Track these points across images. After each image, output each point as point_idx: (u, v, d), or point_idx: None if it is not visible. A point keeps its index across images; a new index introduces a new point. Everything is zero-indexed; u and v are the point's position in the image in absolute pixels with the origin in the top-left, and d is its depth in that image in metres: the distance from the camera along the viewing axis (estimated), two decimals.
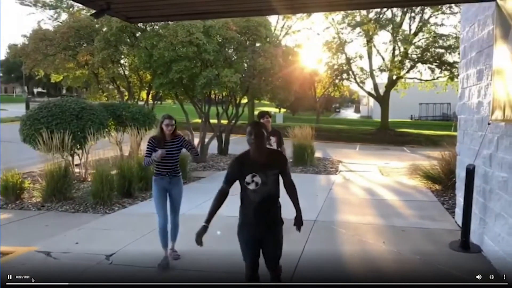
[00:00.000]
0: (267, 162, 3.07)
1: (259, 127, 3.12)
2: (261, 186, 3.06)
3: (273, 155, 3.29)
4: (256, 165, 3.06)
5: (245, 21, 11.85)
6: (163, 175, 4.49)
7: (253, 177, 3.05)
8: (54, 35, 12.76)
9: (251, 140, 3.04)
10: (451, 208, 6.70)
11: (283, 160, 3.27)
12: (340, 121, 40.55)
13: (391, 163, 13.37)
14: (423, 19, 25.55)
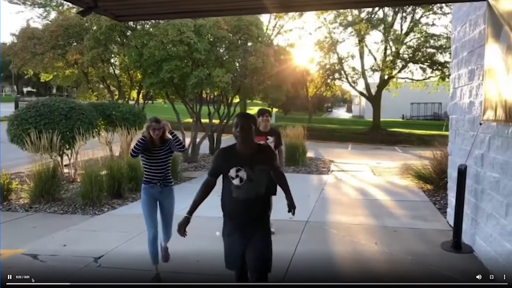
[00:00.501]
0: (255, 157, 2.86)
1: (247, 120, 2.89)
2: (247, 183, 2.82)
3: (262, 150, 3.02)
4: (242, 158, 2.84)
5: (237, 20, 11.77)
6: (154, 184, 4.10)
7: (238, 171, 2.83)
8: (42, 34, 12.58)
9: (236, 133, 2.83)
10: (443, 208, 6.71)
11: (272, 156, 3.12)
12: (332, 120, 40.62)
13: (383, 162, 13.39)
14: (415, 19, 25.68)
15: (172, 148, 4.16)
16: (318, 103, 51.76)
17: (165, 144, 4.16)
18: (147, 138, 4.09)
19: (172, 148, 4.16)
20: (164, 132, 4.16)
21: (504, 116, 3.57)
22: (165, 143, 4.16)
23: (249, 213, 2.88)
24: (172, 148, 4.16)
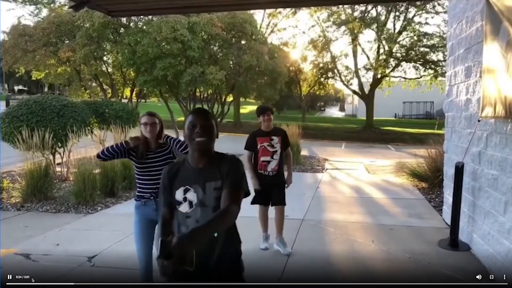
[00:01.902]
0: (209, 170, 1.98)
1: (205, 116, 2.01)
2: (199, 209, 1.97)
3: (222, 160, 2.02)
4: (193, 174, 2.00)
5: (231, 18, 11.73)
6: (147, 199, 3.22)
7: (186, 192, 1.99)
8: (34, 31, 12.45)
9: (191, 135, 1.95)
10: (438, 206, 6.70)
11: (237, 169, 2.00)
12: (325, 119, 40.70)
13: (377, 161, 13.39)
14: (407, 18, 25.78)
15: (175, 152, 3.29)
16: (311, 102, 51.84)
17: (164, 147, 3.30)
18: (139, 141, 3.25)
19: (174, 152, 3.30)
20: (162, 131, 3.33)
21: (504, 112, 3.55)
22: (163, 147, 3.30)
23: (206, 255, 1.94)
24: (174, 152, 3.30)
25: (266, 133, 4.62)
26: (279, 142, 4.61)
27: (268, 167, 4.56)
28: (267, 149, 4.58)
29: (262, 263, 4.34)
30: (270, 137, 4.59)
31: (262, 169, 4.58)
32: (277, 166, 4.59)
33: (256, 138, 4.62)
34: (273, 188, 4.63)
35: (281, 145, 4.62)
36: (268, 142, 4.58)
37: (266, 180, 4.57)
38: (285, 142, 4.70)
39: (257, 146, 4.58)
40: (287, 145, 4.73)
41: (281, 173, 4.66)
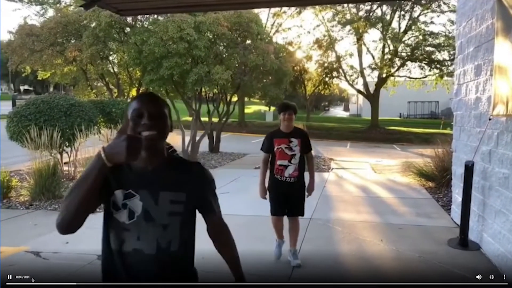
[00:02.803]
0: (166, 175, 1.54)
1: (156, 102, 1.55)
2: (142, 223, 1.49)
3: (185, 167, 1.61)
4: (142, 176, 1.52)
5: (237, 17, 11.71)
6: None
7: (127, 198, 1.50)
8: (41, 31, 12.50)
9: (136, 128, 1.47)
10: (447, 205, 6.67)
11: (206, 180, 1.63)
12: (330, 119, 40.64)
13: (383, 160, 13.36)
14: (413, 17, 25.69)
15: None
16: (316, 102, 51.75)
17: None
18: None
19: None
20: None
21: None
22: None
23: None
24: None
25: (285, 134, 4.15)
26: (299, 145, 4.13)
27: (285, 172, 4.11)
28: (284, 152, 4.10)
29: (271, 262, 4.34)
30: (289, 139, 4.12)
31: (279, 174, 4.14)
32: (296, 171, 4.12)
33: (273, 139, 4.16)
34: (291, 196, 4.17)
35: (301, 148, 4.14)
36: (286, 144, 4.11)
37: (282, 186, 4.14)
38: (306, 145, 4.21)
39: (274, 148, 4.13)
40: (308, 149, 4.26)
41: (300, 180, 4.20)
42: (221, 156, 13.43)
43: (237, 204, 6.94)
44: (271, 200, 4.21)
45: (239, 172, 10.28)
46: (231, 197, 7.57)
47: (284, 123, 4.14)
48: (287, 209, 4.22)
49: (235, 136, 22.22)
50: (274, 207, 4.22)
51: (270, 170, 4.21)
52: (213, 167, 11.45)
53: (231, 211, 6.54)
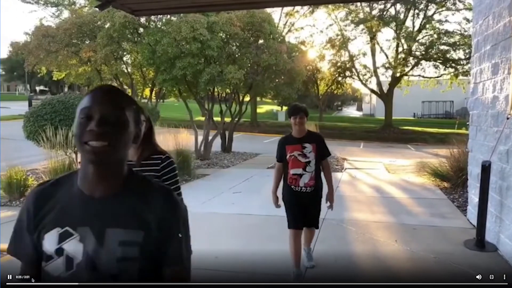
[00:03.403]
0: (121, 208, 1.13)
1: (112, 100, 1.13)
2: (84, 274, 1.09)
3: (148, 194, 1.17)
4: (86, 208, 1.12)
5: (249, 17, 11.72)
6: None
7: (63, 240, 1.09)
8: (56, 32, 12.67)
9: (81, 135, 1.09)
10: (462, 206, 6.58)
11: (175, 213, 1.19)
12: (342, 119, 40.43)
13: (397, 160, 13.23)
14: (427, 15, 25.40)
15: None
16: (328, 102, 51.54)
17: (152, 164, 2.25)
18: None
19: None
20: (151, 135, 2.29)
21: None
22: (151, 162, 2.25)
23: None
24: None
25: (297, 140, 3.78)
26: (314, 151, 3.73)
27: (300, 181, 3.75)
28: (297, 160, 3.73)
29: (284, 262, 4.32)
30: (302, 145, 3.74)
31: (293, 184, 3.79)
32: (312, 180, 3.75)
33: (285, 146, 3.81)
34: (308, 207, 3.85)
35: (317, 154, 3.74)
36: (299, 150, 3.73)
37: (298, 197, 3.79)
38: (322, 150, 3.81)
39: (286, 156, 3.78)
40: (324, 154, 3.85)
41: (318, 189, 3.86)
42: (233, 156, 13.45)
43: (250, 204, 6.95)
44: (288, 212, 3.87)
45: (252, 172, 10.28)
46: (244, 197, 7.58)
47: (295, 128, 3.77)
48: (304, 221, 3.91)
49: (247, 136, 22.24)
50: (293, 219, 3.84)
51: (284, 180, 3.89)
52: (226, 167, 11.47)
53: (243, 211, 6.57)
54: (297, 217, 3.83)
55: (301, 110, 3.77)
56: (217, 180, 9.44)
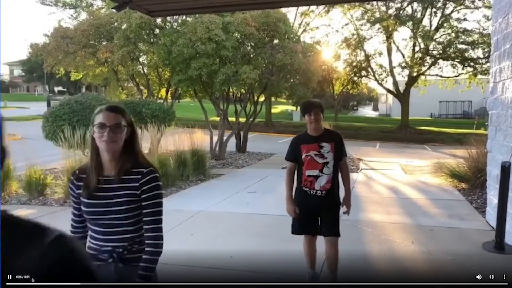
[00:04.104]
0: None
1: None
2: None
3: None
4: None
5: (264, 17, 11.72)
6: (104, 260, 1.87)
7: None
8: (74, 33, 12.88)
9: None
10: (481, 207, 6.47)
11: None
12: (358, 119, 40.13)
13: (414, 161, 13.08)
14: (445, 14, 25.02)
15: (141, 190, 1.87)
16: (344, 101, 51.19)
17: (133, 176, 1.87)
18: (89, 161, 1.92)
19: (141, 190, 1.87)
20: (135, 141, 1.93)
21: None
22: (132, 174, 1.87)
23: None
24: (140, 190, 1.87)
25: (313, 138, 3.45)
26: (332, 151, 3.40)
27: (316, 184, 3.42)
28: (314, 160, 3.41)
29: (299, 262, 4.31)
30: (319, 144, 3.42)
31: (308, 186, 3.46)
32: (329, 183, 3.43)
33: (300, 146, 3.47)
34: (323, 212, 3.53)
35: (334, 155, 3.42)
36: (317, 150, 3.41)
37: (313, 201, 3.47)
38: (340, 150, 3.49)
39: (301, 156, 3.45)
40: (342, 154, 3.53)
41: (334, 193, 3.53)
42: (248, 156, 13.47)
43: (264, 204, 6.95)
44: (298, 216, 3.53)
45: (266, 172, 10.28)
46: (259, 197, 7.58)
47: (311, 126, 3.43)
48: (320, 229, 3.57)
49: (262, 136, 22.24)
50: (303, 224, 3.55)
51: (297, 182, 3.54)
52: (241, 167, 11.50)
53: (258, 211, 6.57)
54: (307, 223, 3.54)
55: (316, 106, 3.43)
56: (232, 180, 9.46)
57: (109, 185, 1.88)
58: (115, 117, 1.84)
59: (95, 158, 1.88)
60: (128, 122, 1.89)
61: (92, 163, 1.89)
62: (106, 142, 1.81)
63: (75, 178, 1.98)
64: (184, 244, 4.90)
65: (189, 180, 8.86)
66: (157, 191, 1.92)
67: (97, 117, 1.85)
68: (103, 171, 1.89)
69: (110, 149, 1.84)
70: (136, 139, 1.96)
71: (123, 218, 1.87)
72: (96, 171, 1.88)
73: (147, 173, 1.89)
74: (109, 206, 1.86)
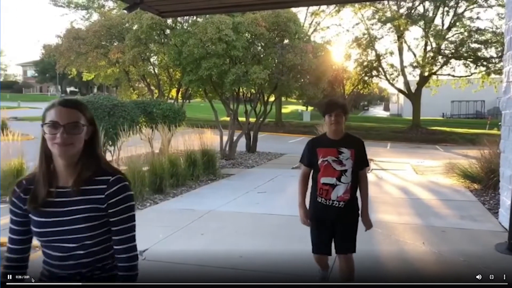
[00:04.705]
0: None
1: None
2: None
3: None
4: None
5: (275, 17, 11.72)
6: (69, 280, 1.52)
7: None
8: (86, 34, 13.02)
9: None
10: (494, 208, 6.39)
11: None
12: (369, 119, 39.92)
13: (425, 161, 12.97)
14: (457, 13, 24.75)
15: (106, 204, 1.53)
16: (355, 101, 50.93)
17: (95, 185, 1.53)
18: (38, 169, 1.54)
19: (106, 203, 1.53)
20: (96, 143, 1.59)
21: None
22: (94, 184, 1.53)
23: None
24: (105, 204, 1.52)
25: (332, 142, 3.06)
26: (352, 158, 3.01)
27: (332, 194, 3.02)
28: (331, 167, 3.01)
29: (310, 262, 4.30)
30: (337, 149, 3.03)
31: (323, 196, 3.06)
32: (348, 193, 3.03)
33: (317, 149, 3.08)
34: (339, 226, 3.11)
35: (355, 162, 3.03)
36: (335, 156, 3.02)
37: (328, 213, 3.07)
38: (361, 158, 3.11)
39: (317, 161, 3.06)
40: (363, 163, 3.16)
41: (353, 205, 3.13)
42: (258, 156, 13.47)
43: (274, 204, 6.95)
44: (313, 232, 3.21)
45: (276, 172, 10.28)
46: (269, 197, 7.58)
47: (331, 128, 3.04)
48: (334, 245, 3.17)
49: (272, 136, 22.24)
50: (316, 242, 3.20)
51: (312, 190, 3.15)
52: (251, 167, 11.51)
53: (268, 211, 6.57)
54: (324, 238, 3.14)
55: (339, 106, 3.04)
56: (242, 180, 9.48)
57: (64, 198, 1.50)
58: (72, 113, 1.50)
59: (45, 165, 1.51)
60: (89, 120, 1.57)
61: (40, 171, 1.52)
62: (60, 145, 1.45)
63: (21, 191, 1.53)
64: (194, 244, 4.92)
65: (199, 180, 8.89)
66: (128, 203, 1.56)
67: (48, 113, 1.50)
68: (57, 181, 1.52)
69: (65, 153, 1.47)
70: (98, 140, 1.62)
71: (83, 239, 1.49)
72: (45, 181, 1.50)
73: (115, 182, 1.55)
74: (64, 225, 1.48)
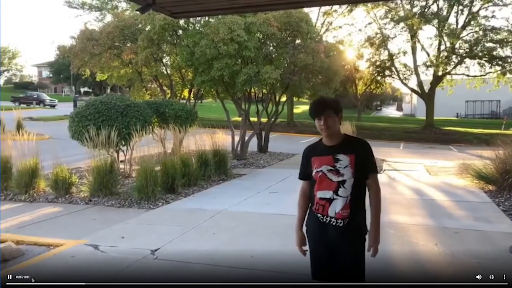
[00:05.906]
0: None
1: None
2: None
3: None
4: None
5: (286, 17, 11.70)
6: None
7: None
8: (100, 35, 13.15)
9: None
10: (509, 210, 6.31)
11: None
12: (381, 119, 39.61)
13: (438, 162, 12.83)
14: (472, 11, 24.42)
15: None
16: (367, 101, 50.61)
17: None
18: None
19: None
20: None
21: None
22: None
23: None
24: None
25: (327, 149, 2.54)
26: (351, 165, 2.47)
27: (330, 209, 2.50)
28: (327, 178, 2.50)
29: None
30: (334, 156, 2.50)
31: (319, 212, 2.55)
32: (347, 209, 2.48)
33: (312, 159, 2.58)
34: (341, 247, 2.52)
35: (355, 170, 2.47)
36: (331, 164, 2.49)
37: (327, 231, 2.54)
38: (365, 164, 2.53)
39: (312, 172, 2.56)
40: (369, 170, 2.56)
41: (356, 222, 2.53)
42: (269, 156, 13.47)
43: (286, 204, 6.94)
44: (312, 254, 2.67)
45: (288, 172, 10.26)
46: (280, 197, 7.59)
47: (323, 133, 2.54)
48: (334, 270, 2.56)
49: (283, 136, 22.22)
50: (313, 266, 2.65)
51: (310, 205, 2.67)
52: (262, 167, 11.51)
53: (279, 211, 6.57)
54: (322, 262, 2.59)
55: (327, 106, 2.49)
56: (253, 180, 9.49)
57: None
58: None
59: None
60: None
61: None
62: None
63: None
64: (206, 243, 4.95)
65: (211, 179, 8.93)
66: None
67: None
68: None
69: None
70: None
71: None
72: None
73: None
74: None
